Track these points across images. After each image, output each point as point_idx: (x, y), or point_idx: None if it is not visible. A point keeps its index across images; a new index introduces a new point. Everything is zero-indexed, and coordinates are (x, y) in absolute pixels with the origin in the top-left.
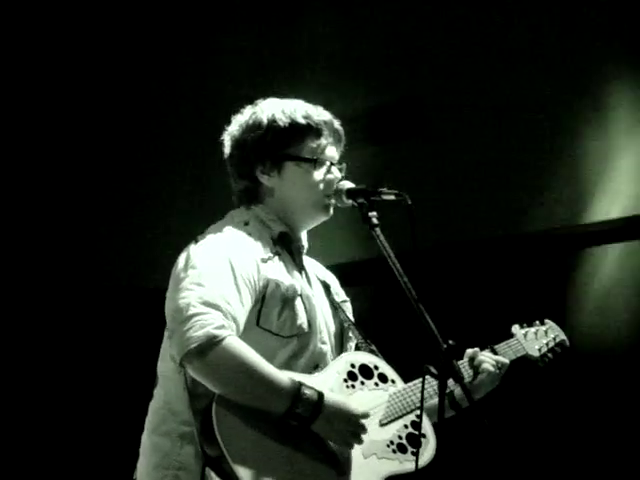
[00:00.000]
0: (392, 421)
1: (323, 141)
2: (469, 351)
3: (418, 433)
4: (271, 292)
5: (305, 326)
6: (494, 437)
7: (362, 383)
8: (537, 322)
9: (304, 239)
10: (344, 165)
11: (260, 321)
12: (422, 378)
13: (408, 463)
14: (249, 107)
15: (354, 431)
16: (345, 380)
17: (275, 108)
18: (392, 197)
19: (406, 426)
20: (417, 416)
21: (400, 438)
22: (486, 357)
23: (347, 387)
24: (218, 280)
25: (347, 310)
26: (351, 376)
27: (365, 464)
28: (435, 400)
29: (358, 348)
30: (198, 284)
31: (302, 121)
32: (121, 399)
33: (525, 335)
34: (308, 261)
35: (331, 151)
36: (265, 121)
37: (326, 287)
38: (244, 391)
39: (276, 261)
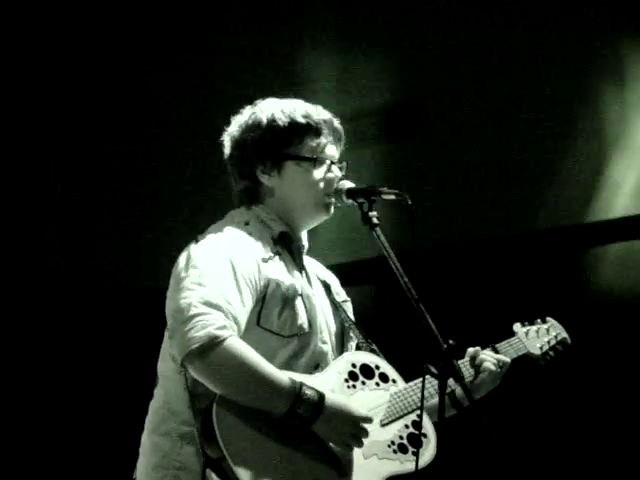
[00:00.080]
0: (393, 421)
1: (323, 140)
2: (470, 350)
3: (419, 433)
4: (272, 292)
5: (305, 326)
6: (494, 437)
7: (363, 383)
8: (539, 320)
9: (304, 239)
10: (344, 164)
11: (260, 321)
12: (422, 378)
13: (409, 463)
14: (248, 107)
15: (355, 433)
16: (346, 380)
17: (274, 108)
18: (392, 197)
19: (407, 426)
20: (418, 416)
21: (401, 438)
22: (487, 356)
23: (348, 387)
24: (219, 280)
25: (348, 310)
26: (352, 376)
27: (366, 464)
28: (436, 399)
29: (359, 348)
30: (199, 284)
31: (302, 120)
32: (121, 399)
33: (527, 333)
34: (308, 261)
35: (331, 150)
36: (265, 121)
37: (326, 287)
38: (245, 391)
39: (276, 261)
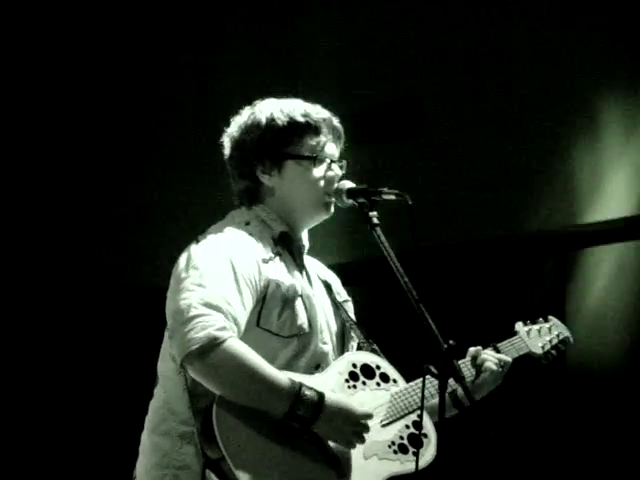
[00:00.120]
0: (394, 421)
1: (322, 138)
2: (472, 350)
3: (419, 433)
4: (272, 292)
5: (305, 326)
6: (494, 436)
7: (364, 383)
8: (541, 319)
9: (305, 239)
10: (344, 162)
11: (260, 322)
12: (423, 378)
13: (409, 463)
14: (247, 108)
15: (356, 430)
16: (347, 380)
17: (273, 108)
18: (393, 197)
19: (408, 426)
20: (419, 416)
21: (402, 438)
22: (488, 356)
23: (349, 387)
24: (219, 281)
25: (349, 310)
26: (353, 376)
27: (366, 465)
28: (437, 399)
29: (360, 348)
30: (199, 285)
31: (301, 119)
32: (121, 398)
33: (528, 333)
34: (309, 260)
35: (331, 148)
36: (264, 121)
37: (327, 287)
38: (244, 393)
39: (277, 261)
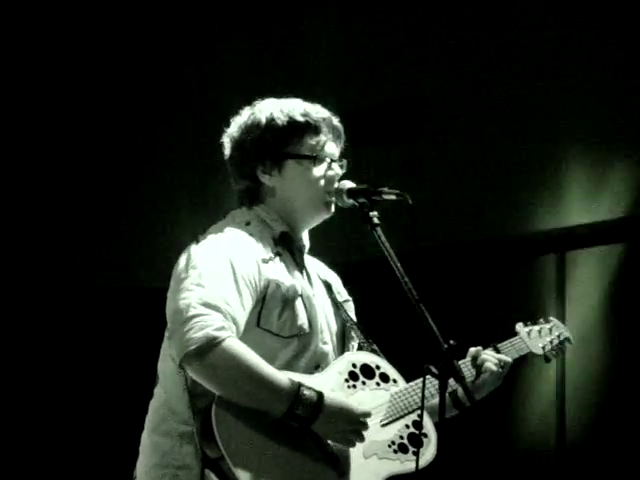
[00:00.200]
0: (393, 421)
1: (322, 138)
2: (472, 350)
3: (419, 432)
4: (272, 293)
5: (305, 326)
6: (494, 436)
7: (363, 383)
8: (541, 320)
9: (305, 238)
10: (345, 162)
11: (260, 322)
12: (423, 378)
13: (409, 463)
14: (247, 108)
15: (355, 429)
16: (346, 380)
17: (273, 107)
18: (393, 197)
19: (407, 426)
20: (419, 415)
21: (402, 438)
22: (489, 356)
23: (348, 387)
24: (219, 281)
25: (349, 309)
26: (352, 376)
27: (366, 464)
28: (437, 399)
29: (360, 348)
30: (199, 285)
31: (300, 119)
32: (121, 398)
33: (529, 333)
34: (309, 260)
35: (331, 148)
36: (264, 121)
37: (328, 286)
38: (243, 393)
39: (277, 262)
